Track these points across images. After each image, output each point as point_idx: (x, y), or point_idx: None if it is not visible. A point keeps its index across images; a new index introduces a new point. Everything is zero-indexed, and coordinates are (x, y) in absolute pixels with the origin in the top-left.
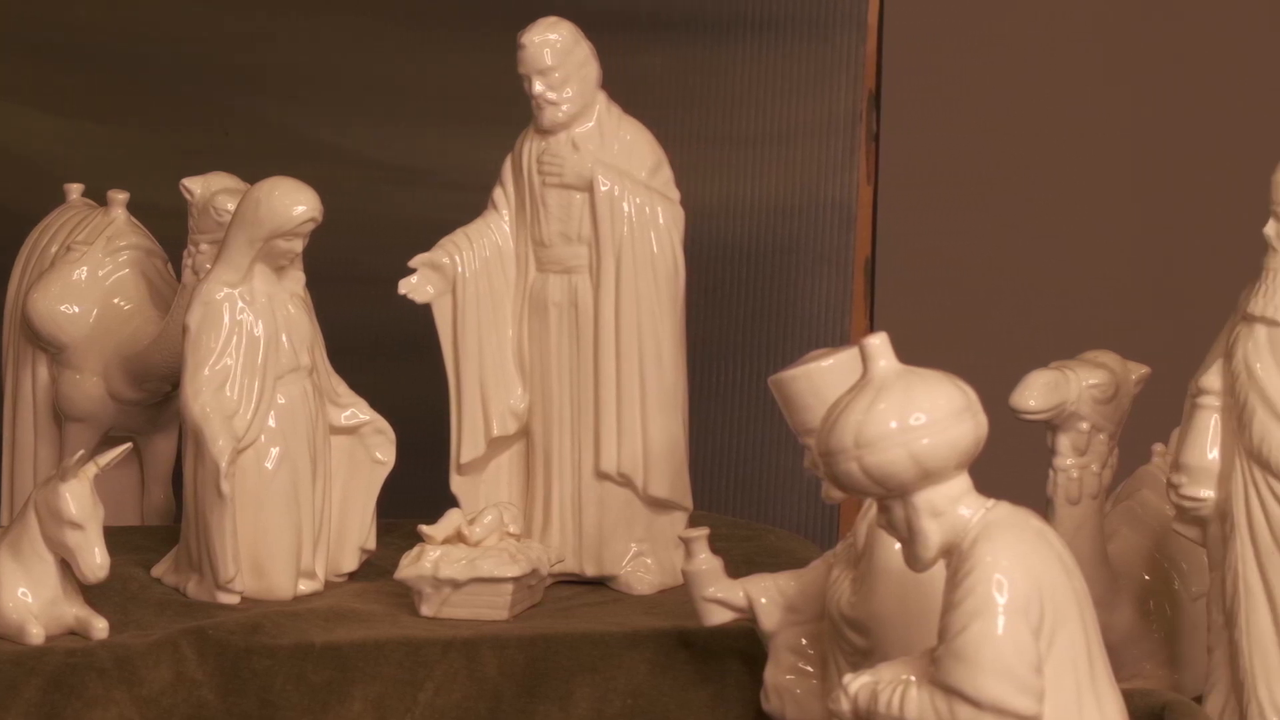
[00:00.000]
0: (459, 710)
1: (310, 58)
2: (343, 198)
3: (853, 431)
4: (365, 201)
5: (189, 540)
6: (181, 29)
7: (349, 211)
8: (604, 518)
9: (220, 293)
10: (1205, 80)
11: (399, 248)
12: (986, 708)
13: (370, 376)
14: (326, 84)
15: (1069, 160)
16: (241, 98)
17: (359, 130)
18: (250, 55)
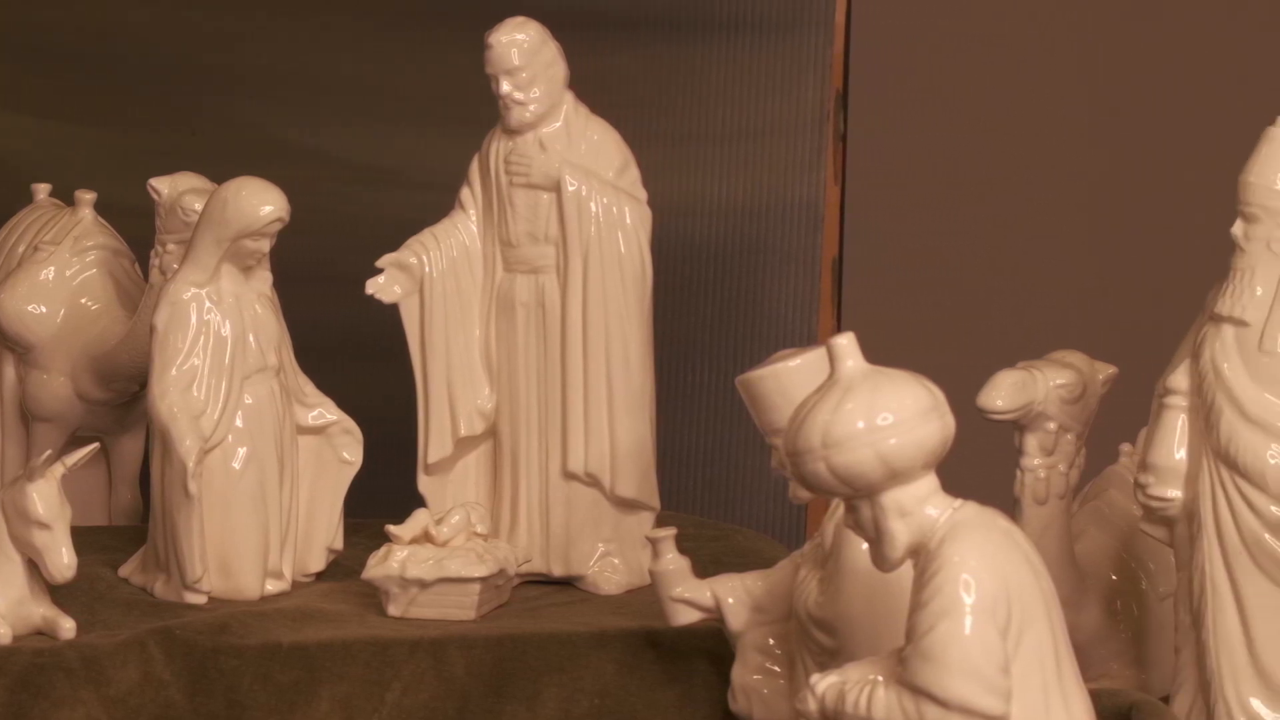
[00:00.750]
0: (426, 710)
1: (278, 58)
2: (310, 198)
3: (820, 431)
4: (332, 201)
5: (156, 540)
6: (149, 28)
7: (316, 211)
8: (571, 518)
9: (187, 293)
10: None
11: (366, 248)
12: (954, 708)
13: (337, 376)
14: (294, 84)
15: (1036, 160)
16: (209, 97)
17: (326, 130)
18: (218, 55)
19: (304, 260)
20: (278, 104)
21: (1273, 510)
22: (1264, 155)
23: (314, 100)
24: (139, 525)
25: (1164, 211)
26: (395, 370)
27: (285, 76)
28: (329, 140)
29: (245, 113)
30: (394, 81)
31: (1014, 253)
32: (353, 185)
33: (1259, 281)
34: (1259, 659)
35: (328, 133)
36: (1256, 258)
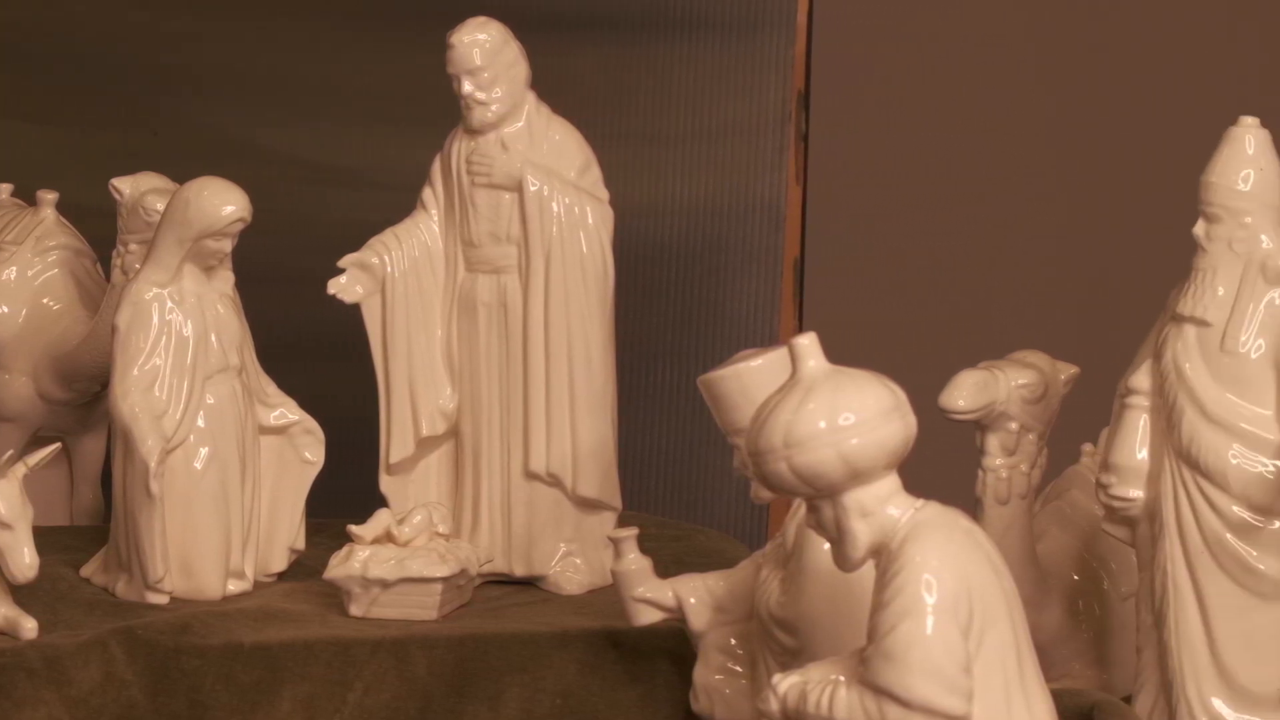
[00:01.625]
0: (388, 710)
1: (240, 58)
2: (272, 198)
3: (782, 431)
4: (294, 201)
5: (118, 540)
6: (111, 28)
7: (278, 211)
8: (533, 518)
9: (149, 293)
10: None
11: (328, 248)
12: (915, 707)
13: (299, 376)
14: (256, 84)
15: (998, 161)
16: (171, 97)
17: (288, 130)
18: (180, 55)
19: (266, 260)
20: (240, 104)
21: (1234, 510)
22: (1225, 156)
23: (276, 100)
24: (101, 525)
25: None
26: (357, 370)
27: (247, 76)
28: (291, 140)
29: (207, 113)
30: (356, 81)
31: (975, 252)
32: (315, 185)
33: (1221, 281)
34: (1221, 659)
35: (290, 133)
36: (1218, 258)
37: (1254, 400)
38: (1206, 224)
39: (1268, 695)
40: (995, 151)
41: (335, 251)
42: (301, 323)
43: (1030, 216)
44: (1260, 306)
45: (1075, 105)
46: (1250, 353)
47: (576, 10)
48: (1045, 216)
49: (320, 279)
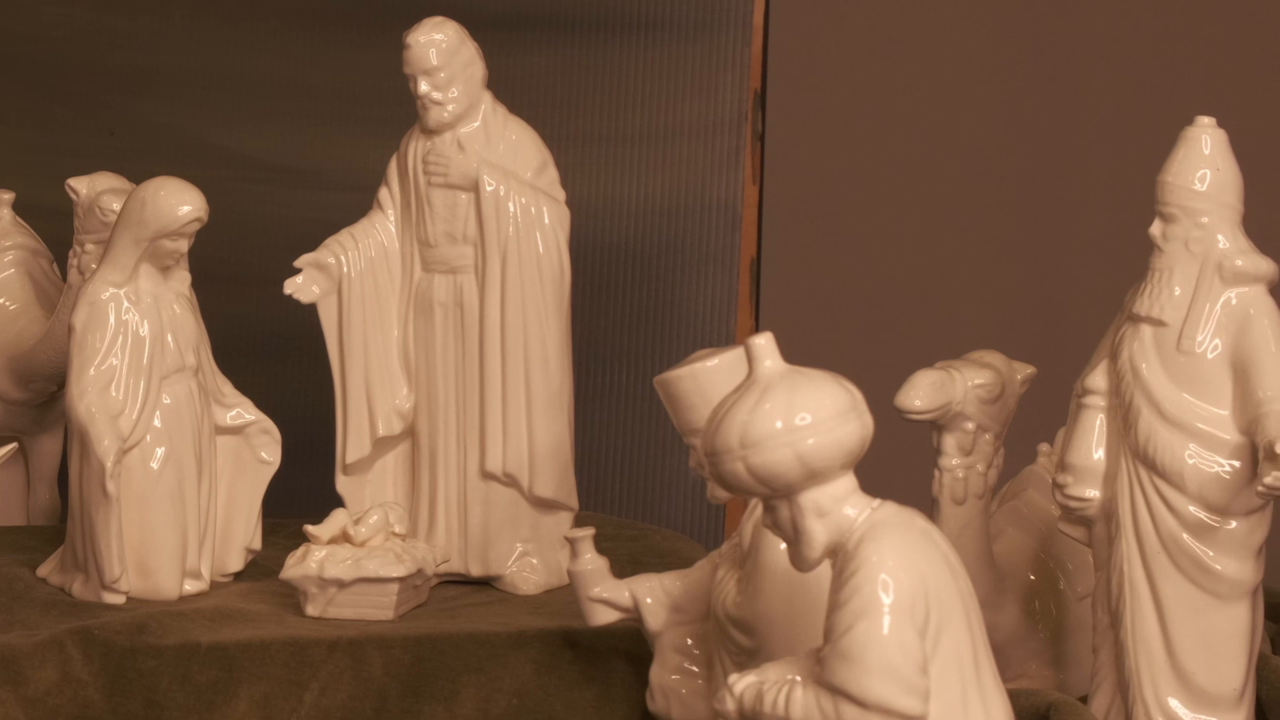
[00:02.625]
0: (345, 710)
1: (197, 58)
2: (228, 198)
3: (738, 431)
4: (251, 202)
5: (75, 540)
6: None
7: (235, 212)
8: (489, 518)
9: (106, 293)
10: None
11: (285, 248)
12: (872, 708)
13: (256, 376)
14: (212, 84)
15: (954, 160)
16: (127, 98)
17: (245, 130)
18: (137, 55)
19: (222, 260)
20: (196, 105)
21: (1191, 510)
22: (1181, 156)
23: (233, 101)
24: (57, 525)
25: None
26: (313, 370)
27: (204, 77)
28: (247, 141)
29: (164, 113)
30: (312, 82)
31: (932, 253)
32: (271, 185)
33: (1177, 281)
34: (1177, 659)
35: (246, 133)
36: (1175, 258)
37: (1210, 400)
38: (1163, 224)
39: (1224, 695)
40: (952, 151)
41: (292, 252)
42: (258, 323)
43: (987, 216)
44: (1217, 306)
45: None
46: (1207, 353)
47: (533, 10)
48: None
49: (276, 279)
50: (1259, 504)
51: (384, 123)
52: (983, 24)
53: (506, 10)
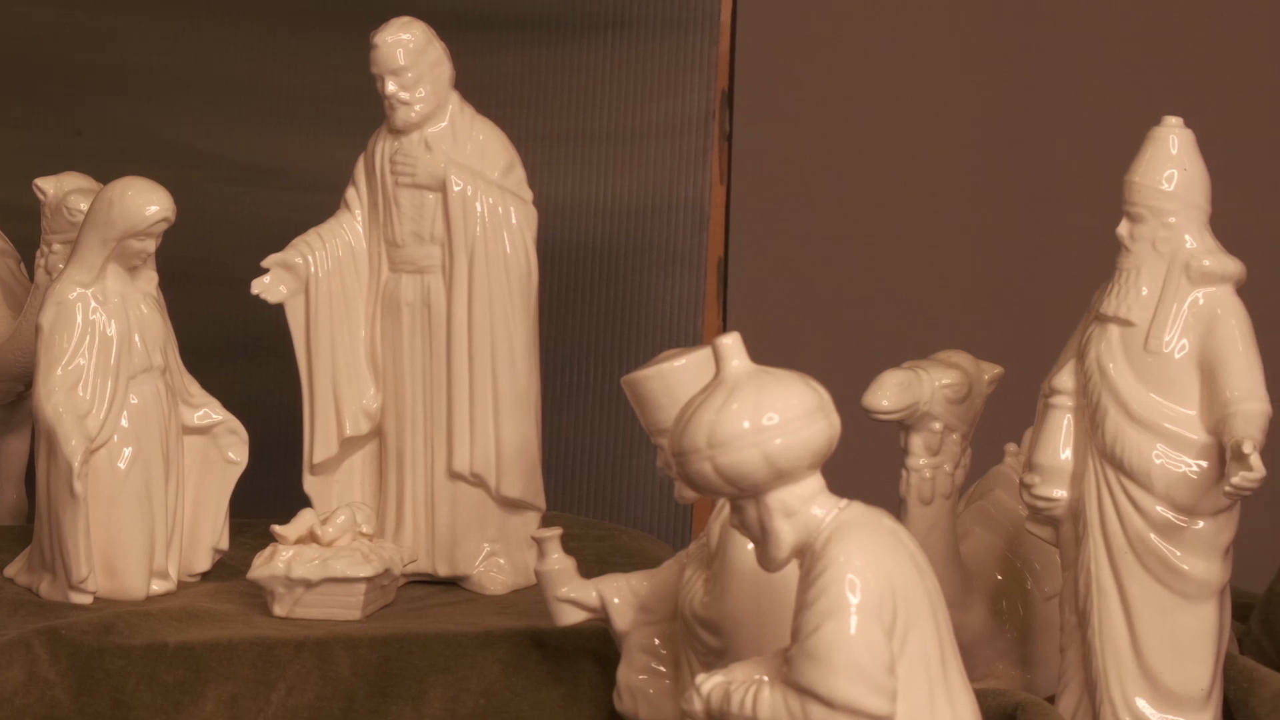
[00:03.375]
0: (312, 710)
1: (165, 58)
2: (196, 198)
3: (706, 431)
4: (218, 202)
5: (42, 540)
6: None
7: (202, 212)
8: (457, 518)
9: (73, 293)
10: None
11: (252, 248)
12: (839, 707)
13: (223, 376)
14: (180, 85)
15: (921, 160)
16: (95, 98)
17: (212, 130)
18: (104, 55)
19: (189, 260)
20: (164, 105)
21: (1158, 510)
22: (1149, 156)
23: (200, 101)
24: (24, 525)
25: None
26: (281, 370)
27: (172, 77)
28: (215, 141)
29: (131, 113)
30: (280, 82)
31: (900, 252)
32: (239, 185)
33: (1144, 281)
34: (1144, 659)
35: (214, 133)
36: (1142, 258)
37: (1177, 400)
38: (1130, 224)
39: (1191, 695)
40: (920, 152)
41: (259, 251)
42: (225, 323)
43: (954, 216)
44: (1184, 306)
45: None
46: (1174, 353)
47: (501, 10)
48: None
49: (244, 279)
50: (1226, 504)
51: (352, 123)
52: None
53: (474, 10)
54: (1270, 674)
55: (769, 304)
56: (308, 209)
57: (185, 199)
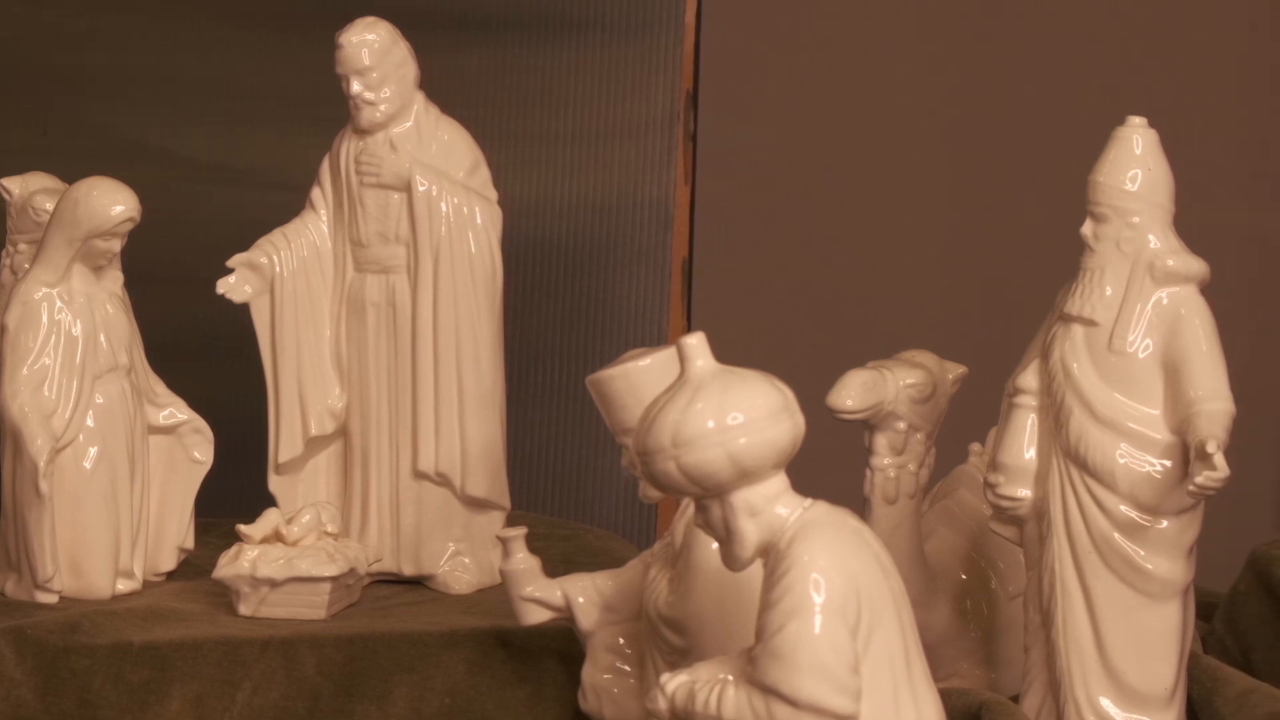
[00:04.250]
0: (277, 709)
1: (130, 57)
2: (161, 198)
3: (670, 431)
4: (184, 201)
5: (7, 540)
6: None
7: (167, 211)
8: (422, 517)
9: (38, 292)
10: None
11: (217, 248)
12: (804, 707)
13: (188, 376)
14: (145, 84)
15: (886, 161)
16: (61, 97)
17: (178, 130)
18: (70, 55)
19: (155, 260)
20: (129, 104)
21: (1122, 510)
22: (1113, 156)
23: (166, 100)
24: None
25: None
26: (246, 370)
27: (137, 76)
28: (180, 140)
29: (97, 113)
30: (245, 81)
31: (863, 252)
32: (204, 185)
33: (1109, 281)
34: (1108, 658)
35: (179, 133)
36: (1106, 257)
37: (1142, 400)
38: (1094, 224)
39: (1155, 694)
40: (883, 151)
41: (224, 251)
42: (190, 322)
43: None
44: (1148, 306)
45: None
46: (1138, 352)
47: (465, 10)
48: (933, 216)
49: (209, 279)
50: (1190, 503)
51: (319, 123)
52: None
53: (440, 11)
54: (1234, 673)
55: (734, 304)
56: (274, 209)
57: (151, 199)
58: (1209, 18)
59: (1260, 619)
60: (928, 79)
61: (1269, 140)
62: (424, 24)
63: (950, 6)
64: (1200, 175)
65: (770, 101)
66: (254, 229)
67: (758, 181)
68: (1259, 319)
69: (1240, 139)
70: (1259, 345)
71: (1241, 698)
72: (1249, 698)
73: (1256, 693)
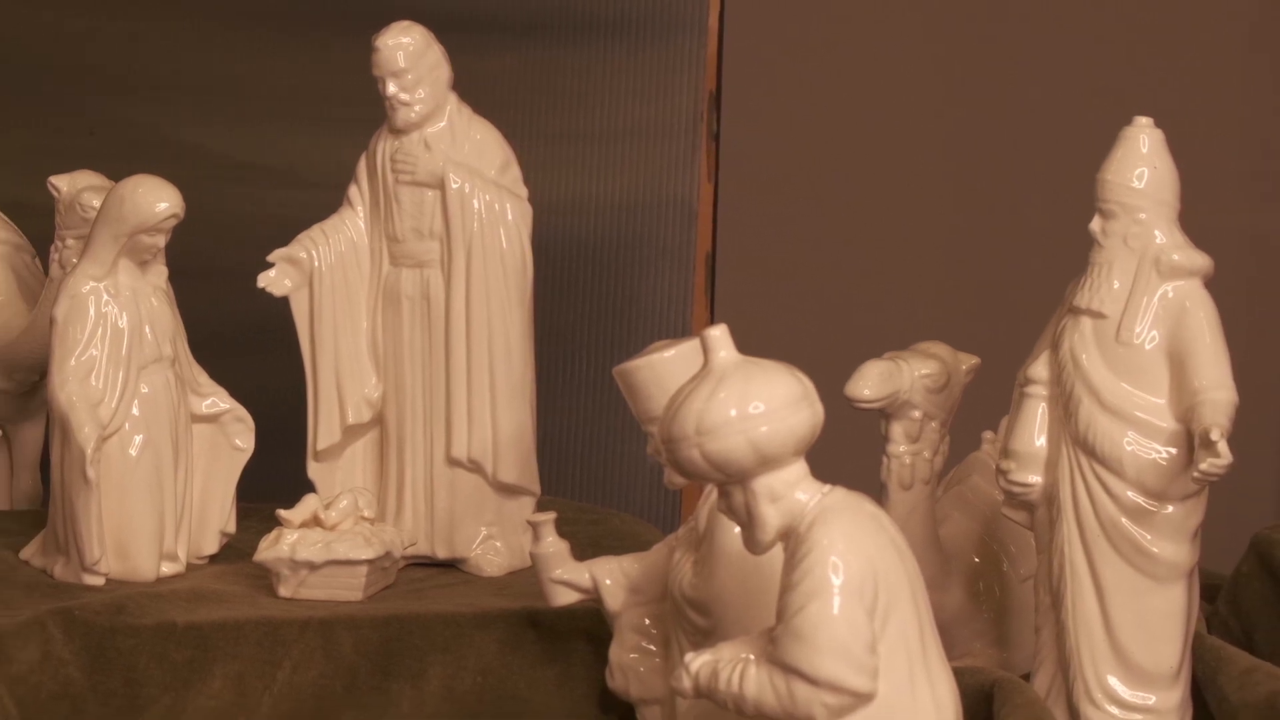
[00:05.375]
0: (316, 688)
1: (175, 62)
2: (205, 195)
3: (694, 419)
4: (226, 199)
5: (56, 524)
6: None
7: (210, 208)
8: (455, 502)
9: (86, 286)
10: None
11: (258, 243)
12: (823, 685)
13: (230, 367)
14: (189, 87)
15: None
16: (108, 99)
17: (221, 131)
18: (116, 60)
19: (198, 255)
20: (173, 106)
21: (1129, 495)
22: (1120, 155)
23: (209, 102)
24: (39, 509)
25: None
26: (286, 361)
27: (183, 80)
28: (223, 140)
29: (142, 115)
30: (285, 83)
31: (880, 248)
32: (245, 184)
33: (1116, 275)
34: (1116, 638)
35: (222, 133)
36: (1114, 252)
37: (1148, 389)
38: (1102, 220)
39: (1161, 673)
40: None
41: (265, 247)
42: (232, 315)
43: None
44: (1154, 299)
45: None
46: (1144, 344)
47: (497, 15)
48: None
49: (250, 273)
50: (1194, 489)
51: (354, 123)
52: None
53: (472, 14)
54: (1237, 652)
55: (755, 297)
56: (311, 206)
57: (194, 196)
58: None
59: (1262, 600)
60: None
61: (1270, 140)
62: (458, 28)
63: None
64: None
65: (789, 102)
66: (293, 225)
67: (778, 179)
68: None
69: (1241, 139)
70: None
71: (1244, 676)
72: (1251, 676)
73: (1258, 671)
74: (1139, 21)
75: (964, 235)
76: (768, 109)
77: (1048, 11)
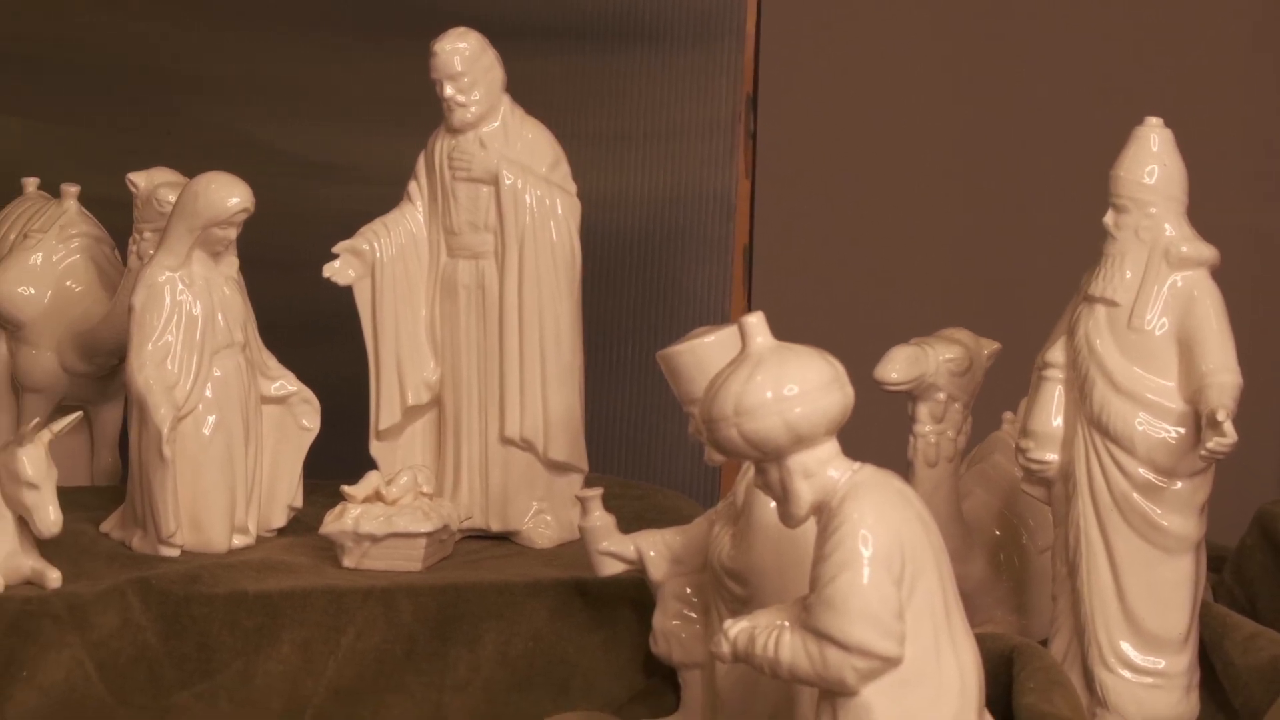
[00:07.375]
0: (378, 652)
1: (246, 65)
2: (273, 191)
3: (733, 401)
4: (293, 194)
5: (134, 499)
6: (132, 40)
7: (278, 203)
8: (508, 479)
9: (162, 276)
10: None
11: (323, 236)
12: (853, 650)
13: (298, 352)
14: (260, 88)
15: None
16: (183, 101)
17: (288, 130)
18: (192, 63)
19: (267, 247)
20: (245, 107)
21: (1140, 472)
22: (1132, 152)
23: (278, 103)
24: (118, 485)
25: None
26: (349, 346)
27: (253, 82)
28: (291, 139)
29: (215, 115)
30: (349, 86)
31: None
32: (311, 180)
33: (1128, 266)
34: (1128, 606)
35: (289, 132)
36: (1126, 244)
37: (1158, 373)
38: (1115, 214)
39: (1170, 639)
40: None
41: (330, 239)
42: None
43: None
44: (1164, 288)
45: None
46: (1155, 330)
47: (548, 21)
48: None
49: (316, 264)
50: (1202, 466)
51: (413, 123)
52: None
53: (524, 21)
54: (1241, 619)
55: (790, 286)
56: (373, 201)
57: (263, 192)
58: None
59: (1265, 570)
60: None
61: (1273, 140)
62: (510, 33)
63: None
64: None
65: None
66: (356, 219)
67: (811, 176)
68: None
69: (1244, 139)
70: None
71: (1248, 641)
72: (1255, 641)
73: (1261, 636)
74: (1145, 21)
75: (987, 229)
76: (802, 110)
77: (1072, 20)
